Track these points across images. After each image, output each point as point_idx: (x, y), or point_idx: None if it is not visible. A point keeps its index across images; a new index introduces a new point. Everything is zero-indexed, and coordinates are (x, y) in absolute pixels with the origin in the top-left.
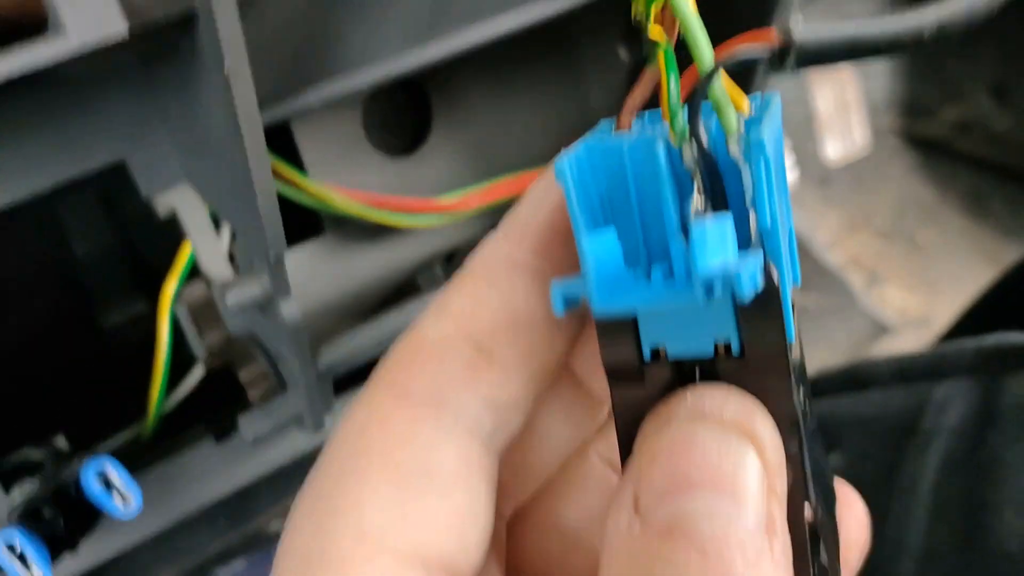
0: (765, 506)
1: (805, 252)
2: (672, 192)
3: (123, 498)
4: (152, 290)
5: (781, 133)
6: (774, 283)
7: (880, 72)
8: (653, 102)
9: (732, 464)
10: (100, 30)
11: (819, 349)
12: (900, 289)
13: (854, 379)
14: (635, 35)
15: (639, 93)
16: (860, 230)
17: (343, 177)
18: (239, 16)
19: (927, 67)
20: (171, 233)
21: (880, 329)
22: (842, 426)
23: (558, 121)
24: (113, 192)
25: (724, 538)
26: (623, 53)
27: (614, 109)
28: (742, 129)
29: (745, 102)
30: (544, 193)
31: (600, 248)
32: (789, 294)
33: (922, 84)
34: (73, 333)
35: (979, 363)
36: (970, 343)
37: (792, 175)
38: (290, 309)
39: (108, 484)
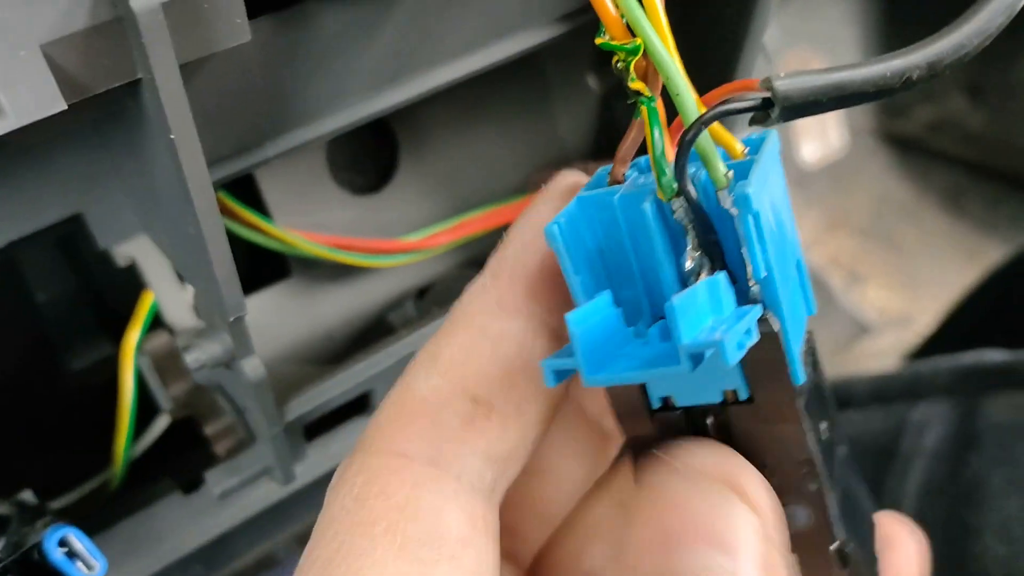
0: (763, 555)
1: None
2: (666, 248)
3: (88, 566)
4: (117, 332)
5: (780, 171)
6: (774, 331)
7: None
8: (644, 149)
9: (723, 517)
10: (40, 110)
11: None
12: (880, 288)
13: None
14: (604, 63)
15: (630, 142)
16: (839, 230)
17: (309, 218)
18: (186, 81)
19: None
20: (134, 275)
21: (861, 329)
22: None
23: (527, 152)
24: (72, 236)
25: None
26: (592, 81)
27: (584, 138)
28: (731, 180)
29: (738, 145)
30: (530, 233)
31: (587, 321)
32: (802, 334)
33: None
34: (37, 381)
35: (956, 384)
36: (945, 362)
37: None
38: (253, 366)
39: (72, 553)
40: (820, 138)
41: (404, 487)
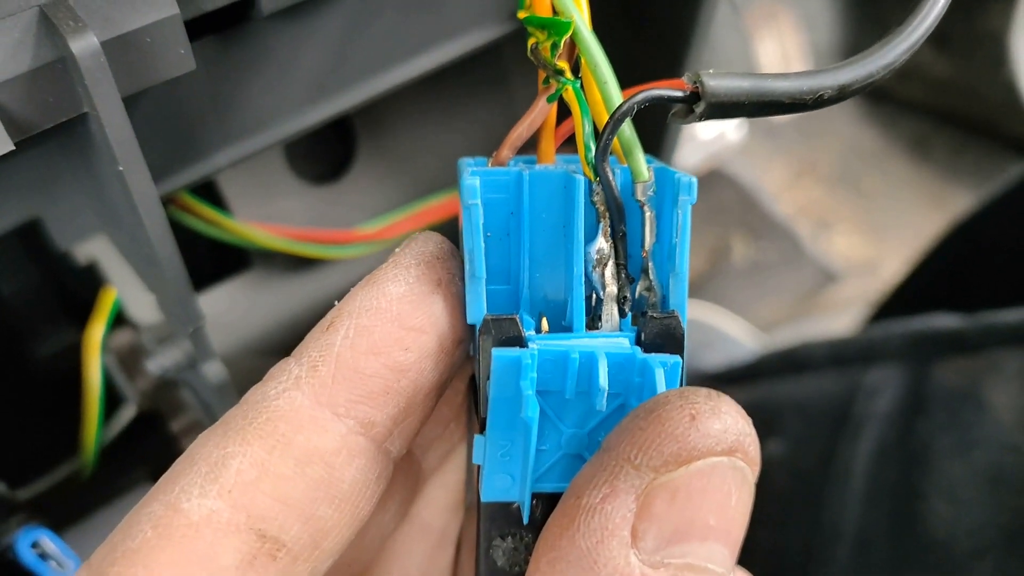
0: None
1: (754, 204)
2: (584, 227)
3: (60, 565)
4: (83, 321)
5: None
6: (681, 333)
7: (821, 21)
8: (530, 144)
9: (744, 508)
10: None
11: (768, 300)
12: (846, 235)
13: (791, 362)
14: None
15: (526, 127)
16: (806, 179)
17: (268, 210)
18: (134, 103)
19: (867, 15)
20: (96, 272)
21: (828, 277)
22: (781, 412)
23: (486, 137)
24: (33, 232)
25: None
26: None
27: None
28: (652, 176)
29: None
30: (368, 314)
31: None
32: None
33: (862, 32)
34: (3, 372)
35: (907, 349)
36: (898, 327)
37: (741, 129)
38: (215, 370)
39: (44, 554)
40: None
41: None
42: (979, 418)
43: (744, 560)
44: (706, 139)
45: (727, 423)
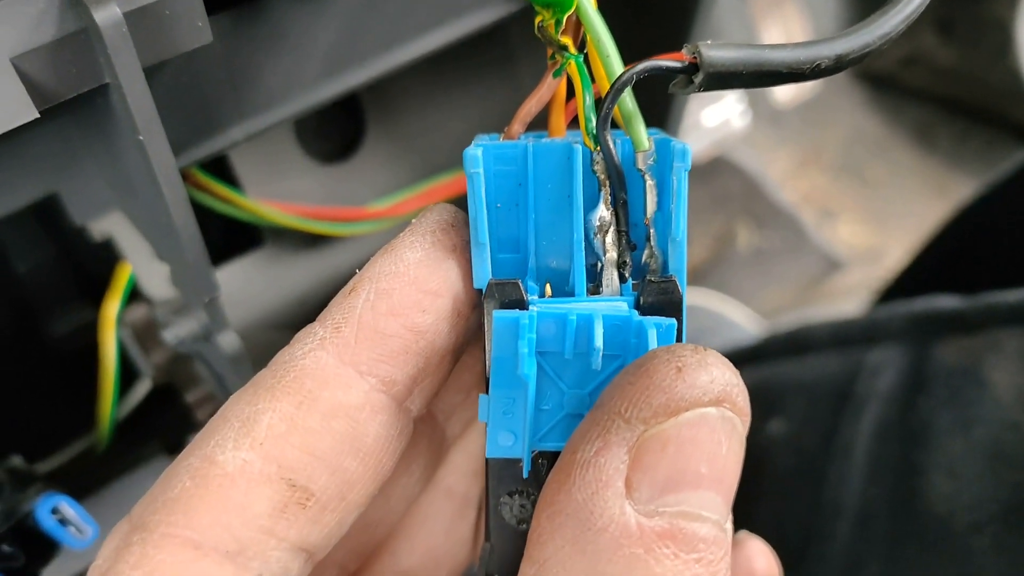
0: None
1: (758, 192)
2: (583, 195)
3: (79, 531)
4: (98, 298)
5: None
6: (679, 297)
7: (825, 8)
8: (540, 120)
9: (735, 457)
10: (14, 120)
11: (772, 288)
12: (851, 224)
13: (794, 343)
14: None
15: (535, 102)
16: (811, 167)
17: (280, 188)
18: (152, 76)
19: (872, 2)
20: (111, 247)
21: (832, 265)
22: (784, 392)
23: (494, 116)
24: (50, 208)
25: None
26: None
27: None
28: (652, 145)
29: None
30: (387, 279)
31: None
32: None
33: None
34: (20, 347)
35: (909, 329)
36: (900, 308)
37: (746, 117)
38: (229, 341)
39: (63, 520)
40: None
41: None
42: (979, 396)
43: None
44: (710, 126)
45: (714, 374)
